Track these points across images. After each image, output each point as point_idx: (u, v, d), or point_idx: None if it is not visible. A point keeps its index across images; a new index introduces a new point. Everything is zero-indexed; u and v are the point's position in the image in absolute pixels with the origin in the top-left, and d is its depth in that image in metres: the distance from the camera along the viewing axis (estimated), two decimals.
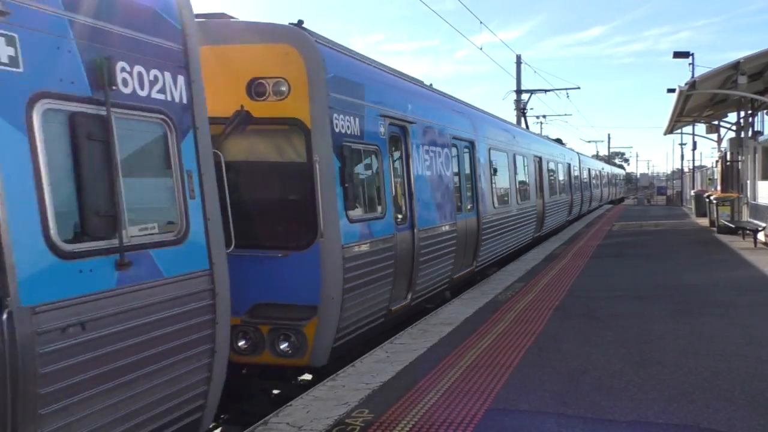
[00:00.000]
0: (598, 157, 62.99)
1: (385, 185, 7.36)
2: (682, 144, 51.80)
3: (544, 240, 18.54)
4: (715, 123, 26.78)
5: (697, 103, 22.18)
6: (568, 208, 24.26)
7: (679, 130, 36.32)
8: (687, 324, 7.42)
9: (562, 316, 8.08)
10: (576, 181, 27.36)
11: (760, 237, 15.57)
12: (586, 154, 35.54)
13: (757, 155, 18.39)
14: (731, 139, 22.25)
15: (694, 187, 37.67)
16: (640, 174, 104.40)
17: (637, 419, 4.58)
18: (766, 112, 20.91)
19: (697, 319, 7.69)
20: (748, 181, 19.34)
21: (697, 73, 22.69)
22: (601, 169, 41.97)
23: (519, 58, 31.93)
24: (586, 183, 31.47)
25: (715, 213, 19.88)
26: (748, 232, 16.46)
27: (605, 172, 45.11)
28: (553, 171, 20.95)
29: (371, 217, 6.93)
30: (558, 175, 22.26)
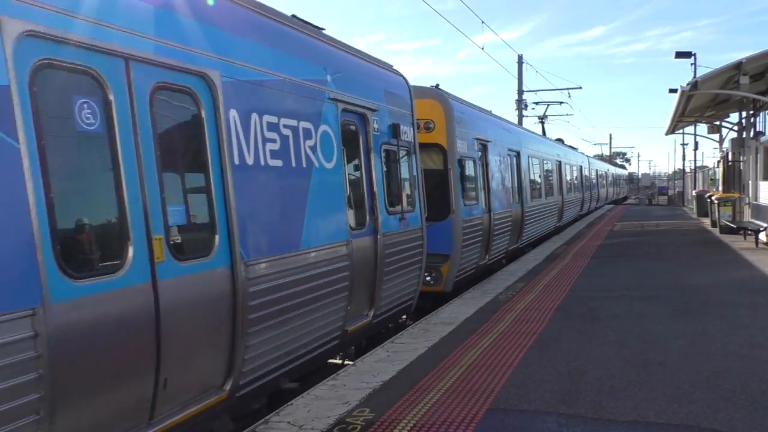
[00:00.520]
0: (601, 157, 65.47)
1: (477, 183, 11.42)
2: (683, 144, 51.93)
3: (563, 229, 22.31)
4: (717, 123, 26.78)
5: (699, 104, 22.17)
6: (581, 204, 28.58)
7: (680, 131, 36.33)
8: (688, 324, 7.43)
9: (563, 316, 8.08)
10: (586, 181, 31.30)
11: (762, 237, 15.56)
12: (592, 158, 39.81)
13: (758, 155, 18.37)
14: (733, 140, 22.25)
15: (695, 188, 37.67)
16: (642, 174, 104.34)
17: (637, 419, 4.59)
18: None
19: (698, 319, 7.69)
20: (750, 182, 19.33)
21: (699, 74, 22.68)
22: (606, 170, 46.13)
23: (521, 57, 31.93)
24: (594, 183, 35.44)
25: (716, 213, 19.87)
26: (749, 232, 16.45)
27: (610, 172, 49.45)
28: (569, 173, 24.70)
29: (473, 204, 11.06)
30: (573, 176, 26.08)
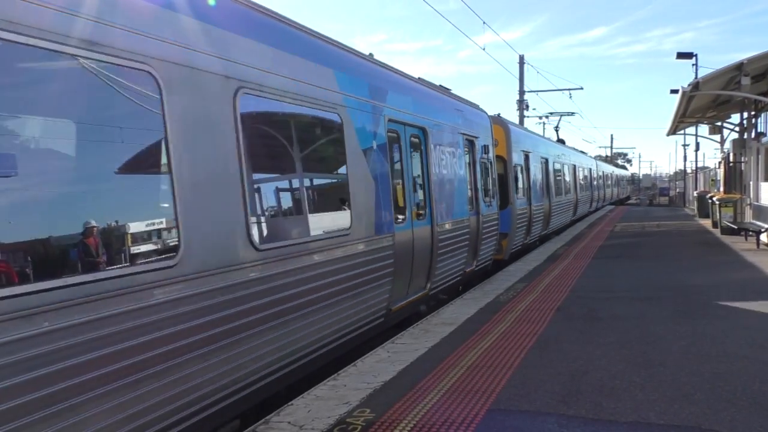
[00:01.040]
0: (605, 159, 69.11)
1: (523, 183, 16.33)
2: (685, 145, 51.71)
3: (576, 222, 27.13)
4: (718, 124, 26.76)
5: (701, 104, 22.16)
6: (590, 201, 33.46)
7: (682, 131, 36.31)
8: (689, 325, 7.42)
9: (563, 316, 8.08)
10: (594, 181, 36.24)
11: (763, 238, 15.55)
12: (599, 161, 45.15)
13: (760, 156, 18.36)
14: (734, 140, 22.22)
15: (696, 189, 37.63)
16: (643, 175, 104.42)
17: (638, 420, 4.58)
18: None
19: (699, 320, 7.68)
20: (751, 183, 19.32)
21: (700, 74, 22.66)
22: (611, 171, 52.30)
23: (522, 58, 31.94)
24: (601, 183, 40.77)
25: (717, 214, 19.85)
26: (750, 233, 16.44)
27: (615, 174, 55.90)
28: (581, 175, 29.66)
29: (522, 198, 16.00)
30: (584, 177, 31.10)
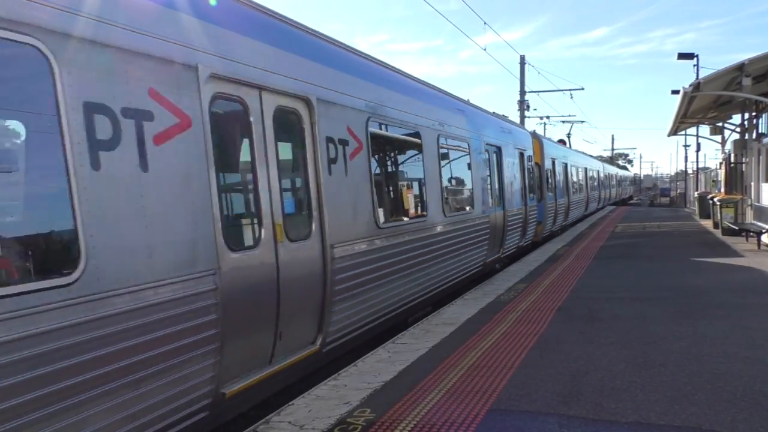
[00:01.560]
0: (609, 160, 75.41)
1: (550, 183, 20.26)
2: (686, 146, 51.72)
3: (587, 217, 31.68)
4: (720, 125, 26.75)
5: (702, 105, 22.15)
6: (598, 199, 38.20)
7: (683, 132, 36.27)
8: (689, 326, 7.42)
9: (564, 317, 8.08)
10: (602, 182, 41.50)
11: (764, 239, 15.54)
12: (601, 163, 48.31)
13: (761, 157, 18.35)
14: (735, 141, 22.21)
15: (697, 189, 37.60)
16: (644, 175, 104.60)
17: (638, 420, 4.58)
18: None
19: (700, 320, 7.68)
20: (752, 183, 19.30)
21: (701, 75, 22.68)
22: (616, 173, 57.52)
23: (523, 58, 31.93)
24: (607, 183, 45.71)
25: (718, 215, 19.83)
26: (751, 234, 16.43)
27: (619, 175, 61.48)
28: (591, 176, 34.34)
29: (550, 195, 20.01)
30: (593, 178, 35.75)
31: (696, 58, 29.44)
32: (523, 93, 31.90)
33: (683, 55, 28.11)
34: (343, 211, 6.39)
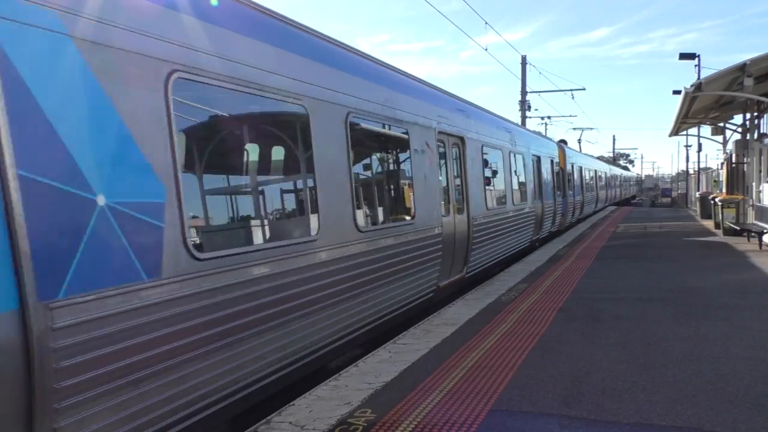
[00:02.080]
0: (611, 161, 79.76)
1: (570, 183, 24.27)
2: (687, 146, 51.65)
3: (599, 212, 36.72)
4: (721, 125, 26.73)
5: (703, 105, 22.13)
6: (606, 197, 43.04)
7: (684, 132, 36.24)
8: (691, 326, 7.41)
9: (565, 317, 8.07)
10: (609, 182, 46.26)
11: (765, 239, 15.51)
12: (609, 165, 53.45)
13: (762, 157, 18.32)
14: (737, 141, 22.19)
15: (699, 189, 37.57)
16: (645, 176, 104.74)
17: (640, 421, 4.57)
18: None
19: (701, 321, 7.67)
20: (754, 183, 19.27)
21: (702, 75, 22.66)
22: (621, 174, 62.71)
23: (524, 58, 31.93)
24: (613, 183, 50.78)
25: (720, 215, 19.81)
26: (753, 234, 16.41)
27: (624, 175, 66.91)
28: (601, 177, 39.18)
29: (569, 193, 24.17)
30: (602, 179, 40.51)
31: (697, 59, 29.45)
32: (524, 93, 31.91)
33: (685, 56, 28.11)
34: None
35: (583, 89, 37.54)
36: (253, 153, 5.79)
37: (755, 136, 20.26)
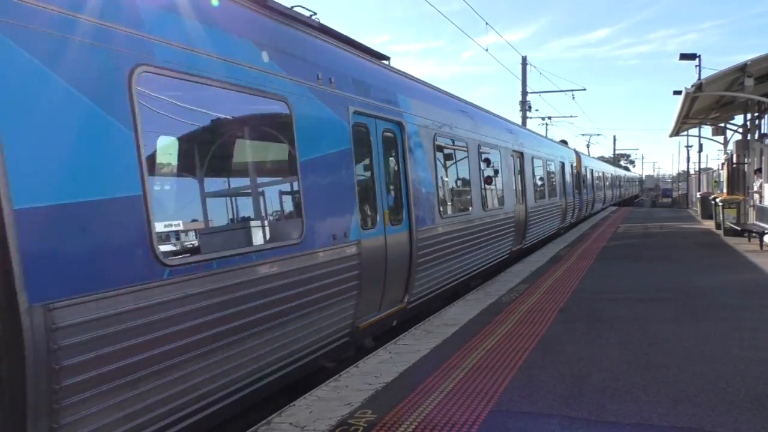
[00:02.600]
0: (613, 162, 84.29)
1: (584, 184, 28.93)
2: (688, 146, 51.69)
3: (606, 208, 41.47)
4: (722, 125, 26.71)
5: (704, 105, 22.11)
6: (612, 196, 48.17)
7: (685, 132, 36.22)
8: (692, 327, 7.40)
9: (566, 318, 8.06)
10: (616, 182, 52.03)
11: (766, 239, 15.49)
12: (615, 167, 60.34)
13: (763, 157, 18.31)
14: (737, 142, 22.17)
15: (699, 190, 37.54)
16: (646, 176, 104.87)
17: (641, 422, 4.57)
18: None
19: (702, 321, 7.66)
20: (754, 184, 19.25)
21: (703, 75, 22.65)
22: (624, 175, 67.13)
23: (524, 59, 31.94)
24: (618, 184, 55.39)
25: (720, 215, 19.79)
26: (754, 234, 16.39)
27: (627, 176, 71.26)
28: (608, 178, 44.31)
29: (584, 192, 29.19)
30: (608, 179, 45.09)
31: (698, 59, 29.43)
32: (524, 93, 31.91)
33: (685, 56, 28.10)
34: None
35: (584, 90, 37.69)
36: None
37: (756, 136, 20.24)
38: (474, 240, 10.96)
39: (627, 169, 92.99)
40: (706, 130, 32.31)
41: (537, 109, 38.26)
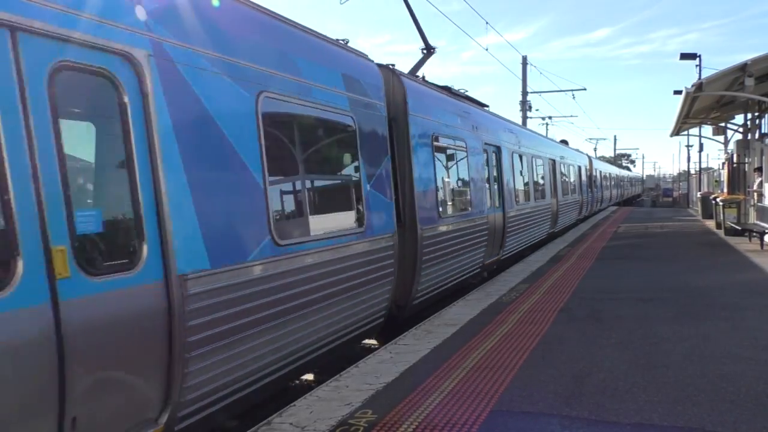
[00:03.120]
0: (614, 162, 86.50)
1: (596, 184, 34.74)
2: (688, 146, 51.65)
3: (612, 206, 46.47)
4: (722, 125, 26.69)
5: (704, 105, 22.10)
6: (618, 194, 53.16)
7: (685, 132, 36.22)
8: (692, 326, 7.39)
9: (566, 317, 8.06)
10: (621, 182, 56.95)
11: (767, 239, 15.49)
12: (620, 169, 65.46)
13: (764, 157, 18.30)
14: (738, 141, 22.16)
15: (700, 189, 37.53)
16: (647, 176, 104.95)
17: (641, 421, 4.56)
18: None
19: (703, 321, 7.66)
20: (754, 183, 19.24)
21: (704, 75, 22.63)
22: (627, 175, 71.97)
23: (525, 59, 31.94)
24: (622, 184, 59.95)
25: (721, 215, 19.79)
26: (754, 234, 16.38)
27: (631, 176, 76.83)
28: (614, 178, 49.75)
29: (595, 190, 34.22)
30: (614, 179, 50.26)
31: (698, 59, 29.40)
32: (525, 93, 31.92)
33: (686, 56, 28.08)
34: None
35: (584, 89, 37.74)
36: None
37: (756, 135, 20.23)
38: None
39: (628, 168, 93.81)
40: (707, 130, 32.31)
41: (537, 109, 38.57)
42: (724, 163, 24.73)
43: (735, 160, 21.62)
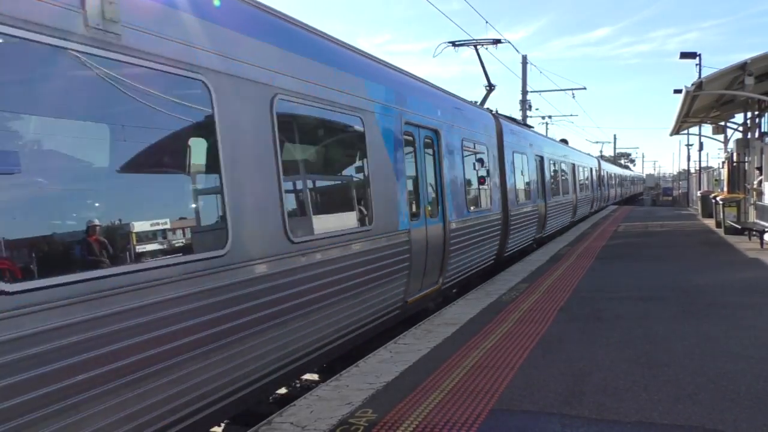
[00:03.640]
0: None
1: (605, 184, 41.87)
2: (688, 145, 51.62)
3: (617, 203, 50.97)
4: (722, 124, 26.70)
5: (704, 104, 22.11)
6: (621, 192, 56.77)
7: (685, 131, 36.26)
8: (692, 325, 7.39)
9: (566, 317, 8.06)
10: (623, 181, 61.17)
11: (766, 238, 15.49)
12: (623, 169, 71.05)
13: (763, 156, 18.30)
14: (738, 140, 22.15)
15: (700, 188, 37.53)
16: (647, 175, 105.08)
17: (641, 420, 4.57)
18: None
19: (703, 320, 7.66)
20: (754, 182, 19.24)
21: (703, 74, 22.63)
22: (630, 174, 77.21)
23: (525, 58, 31.93)
24: (625, 183, 64.44)
25: (721, 214, 19.79)
26: (754, 233, 16.38)
27: (633, 176, 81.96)
28: (618, 178, 53.15)
29: (603, 188, 39.88)
30: (618, 178, 53.74)
31: (698, 58, 29.41)
32: (525, 93, 31.90)
33: (686, 55, 28.10)
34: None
35: (584, 88, 37.58)
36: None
37: (756, 134, 20.23)
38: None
39: (627, 167, 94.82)
40: (707, 129, 32.32)
41: (537, 108, 38.70)
42: (723, 162, 24.73)
43: (735, 159, 21.62)
